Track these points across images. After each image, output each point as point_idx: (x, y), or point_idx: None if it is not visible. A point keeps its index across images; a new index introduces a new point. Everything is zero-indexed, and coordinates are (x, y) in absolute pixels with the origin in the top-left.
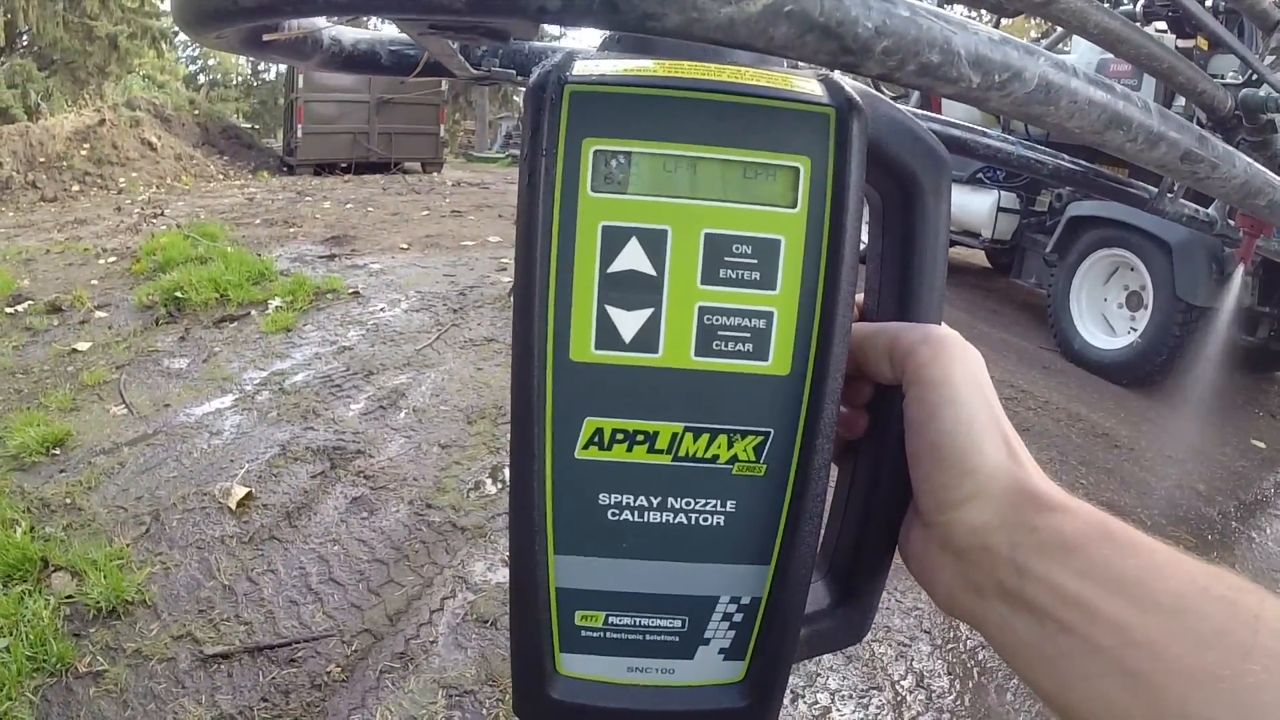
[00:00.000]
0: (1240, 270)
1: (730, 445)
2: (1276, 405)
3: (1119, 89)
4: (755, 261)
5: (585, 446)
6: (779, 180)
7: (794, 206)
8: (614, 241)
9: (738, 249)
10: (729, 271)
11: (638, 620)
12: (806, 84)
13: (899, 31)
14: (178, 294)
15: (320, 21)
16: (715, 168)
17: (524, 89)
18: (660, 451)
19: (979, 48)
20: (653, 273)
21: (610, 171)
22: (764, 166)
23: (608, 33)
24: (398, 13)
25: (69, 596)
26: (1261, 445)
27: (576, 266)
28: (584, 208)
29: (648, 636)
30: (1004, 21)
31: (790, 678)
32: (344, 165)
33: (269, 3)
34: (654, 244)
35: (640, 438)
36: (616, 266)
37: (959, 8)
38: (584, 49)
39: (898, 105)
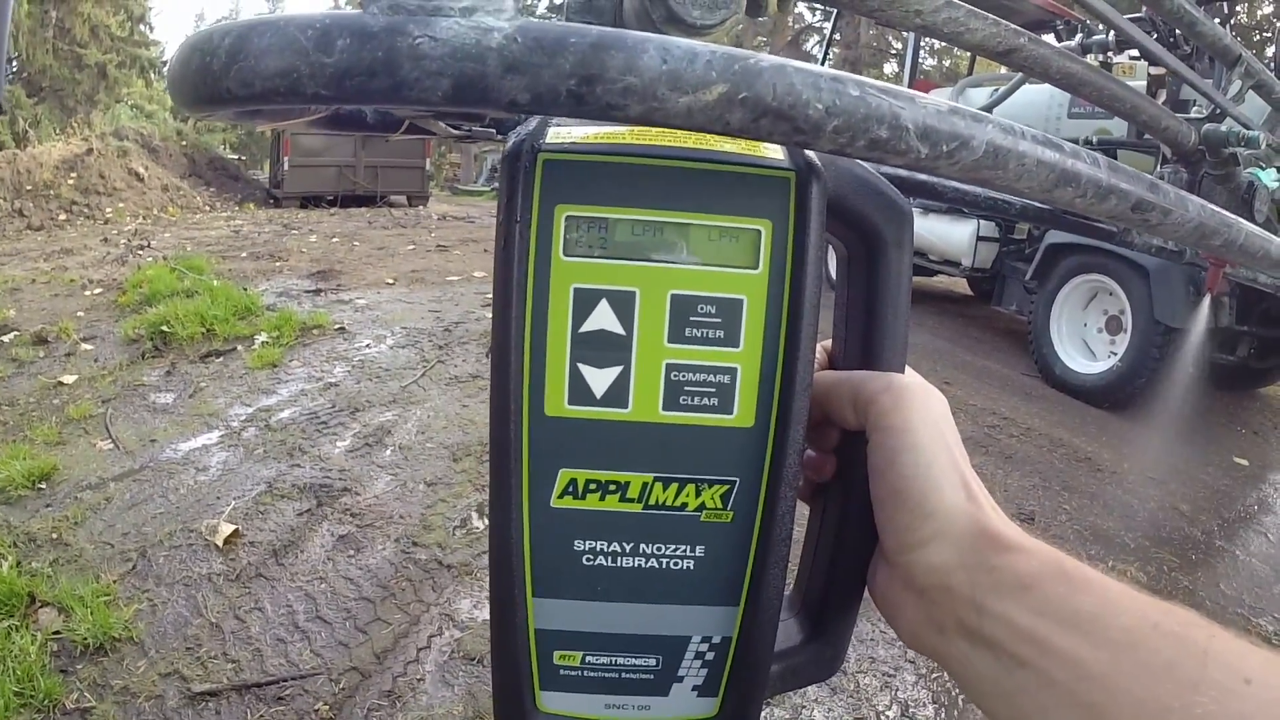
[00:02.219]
0: (1208, 297)
1: (698, 494)
2: (1258, 422)
3: (1069, 147)
4: (719, 320)
5: (560, 496)
6: (741, 242)
7: (756, 267)
8: (585, 303)
9: (702, 309)
10: (694, 330)
11: (614, 659)
12: (769, 147)
13: (848, 110)
14: (164, 327)
15: None
16: (681, 232)
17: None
18: (631, 500)
19: (926, 120)
20: (622, 332)
21: (581, 236)
22: (727, 230)
23: None
24: (380, 104)
25: (56, 632)
26: (1244, 463)
27: (550, 326)
28: (556, 271)
29: (624, 675)
30: None
31: (775, 710)
32: (330, 198)
33: (259, 93)
34: (623, 305)
35: (612, 487)
36: (588, 326)
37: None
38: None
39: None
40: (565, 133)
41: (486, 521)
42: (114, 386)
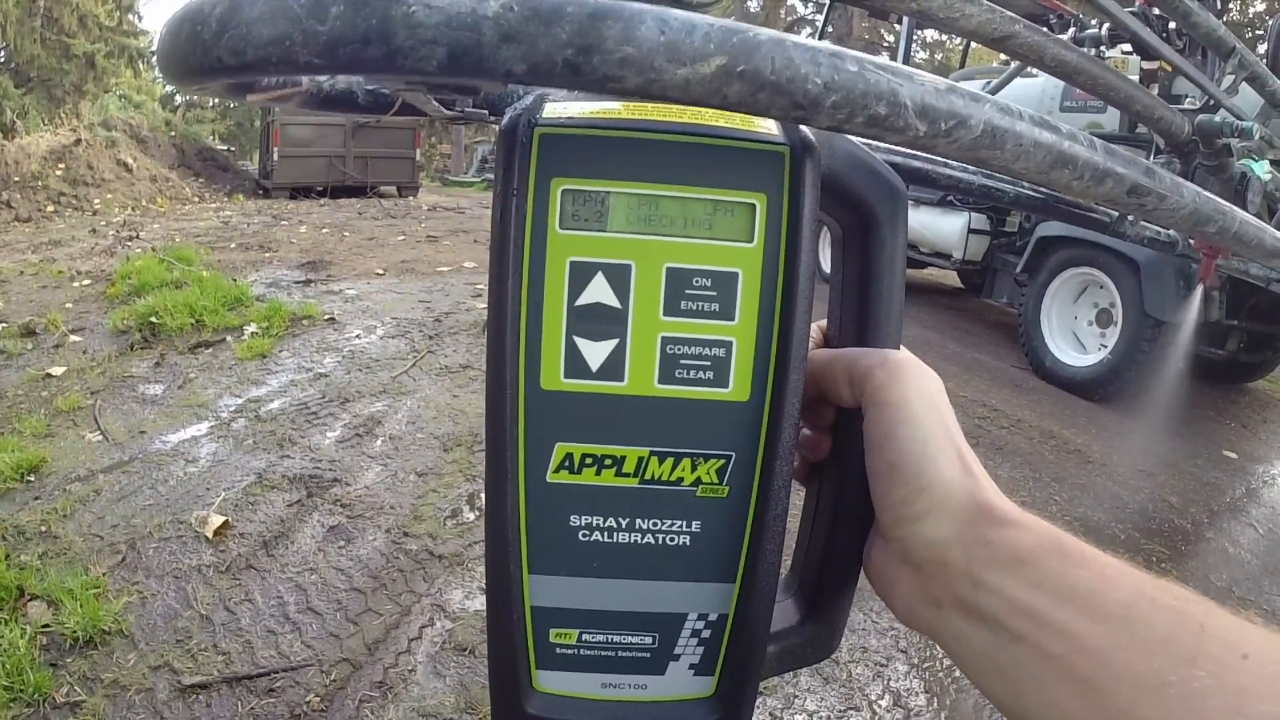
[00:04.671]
0: (1201, 288)
1: (694, 468)
2: (1247, 416)
3: (1065, 129)
4: (715, 294)
5: (556, 470)
6: (737, 216)
7: (750, 241)
8: (581, 276)
9: (698, 282)
10: (690, 303)
11: (610, 637)
12: (764, 123)
13: (847, 86)
14: (153, 319)
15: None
16: (676, 205)
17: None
18: (627, 475)
19: (925, 98)
20: (618, 305)
21: (577, 210)
22: (722, 203)
23: None
24: (374, 73)
25: (45, 625)
26: (1233, 456)
27: (546, 300)
28: (553, 244)
29: (620, 653)
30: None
31: (768, 699)
32: (320, 189)
33: (251, 62)
34: (619, 278)
35: (608, 462)
36: (584, 299)
37: (930, 34)
38: (555, 90)
39: (855, 140)
40: (561, 108)
41: (477, 512)
42: (103, 378)
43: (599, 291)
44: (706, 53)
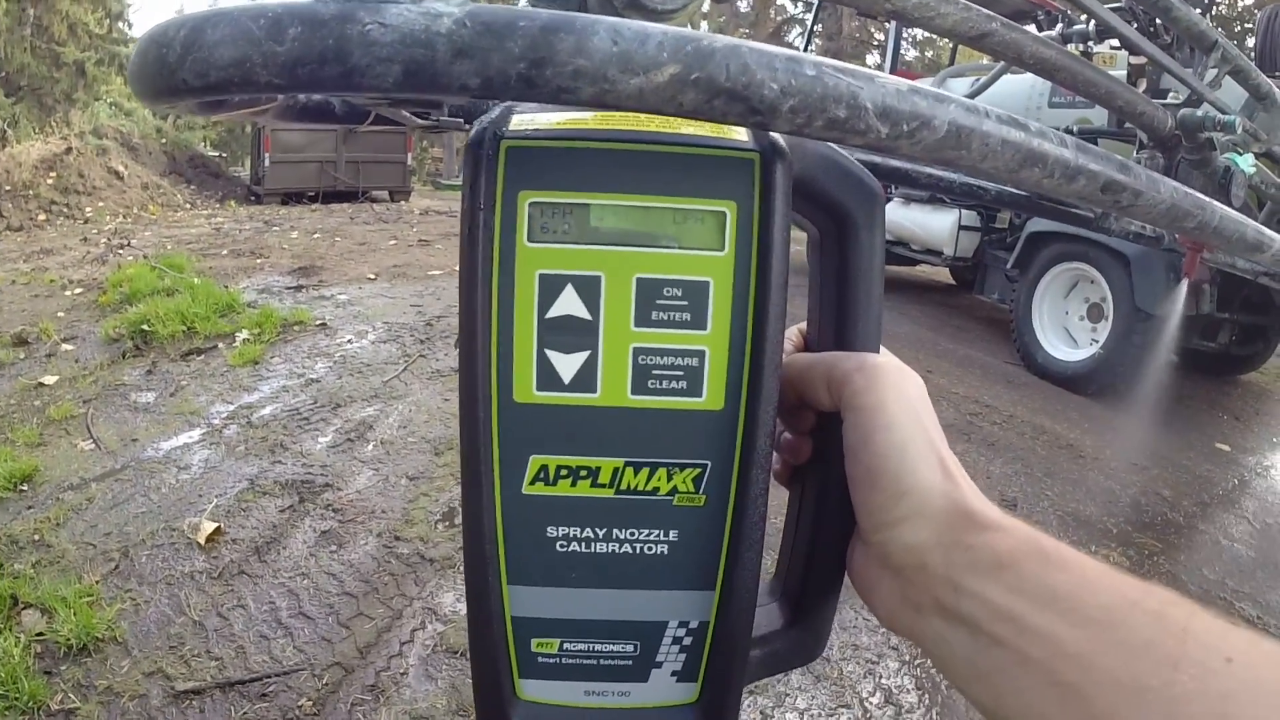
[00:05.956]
0: (1185, 282)
1: (670, 478)
2: (1239, 408)
3: (1034, 126)
4: (686, 303)
5: (532, 482)
6: (706, 225)
7: (721, 249)
8: (551, 289)
9: (669, 292)
10: (661, 314)
11: (591, 646)
12: (733, 129)
13: (805, 90)
14: (145, 327)
15: None
16: (645, 215)
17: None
18: (603, 485)
19: (886, 99)
20: (588, 317)
21: (545, 222)
22: (692, 212)
23: None
24: (333, 91)
25: (39, 634)
26: (1226, 448)
27: (516, 313)
28: (521, 257)
29: (602, 661)
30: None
31: (759, 698)
32: (311, 194)
33: (214, 83)
34: (588, 290)
35: (583, 473)
36: (554, 312)
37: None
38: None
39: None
40: (529, 119)
41: None
42: (95, 386)
43: (569, 304)
44: (660, 61)
